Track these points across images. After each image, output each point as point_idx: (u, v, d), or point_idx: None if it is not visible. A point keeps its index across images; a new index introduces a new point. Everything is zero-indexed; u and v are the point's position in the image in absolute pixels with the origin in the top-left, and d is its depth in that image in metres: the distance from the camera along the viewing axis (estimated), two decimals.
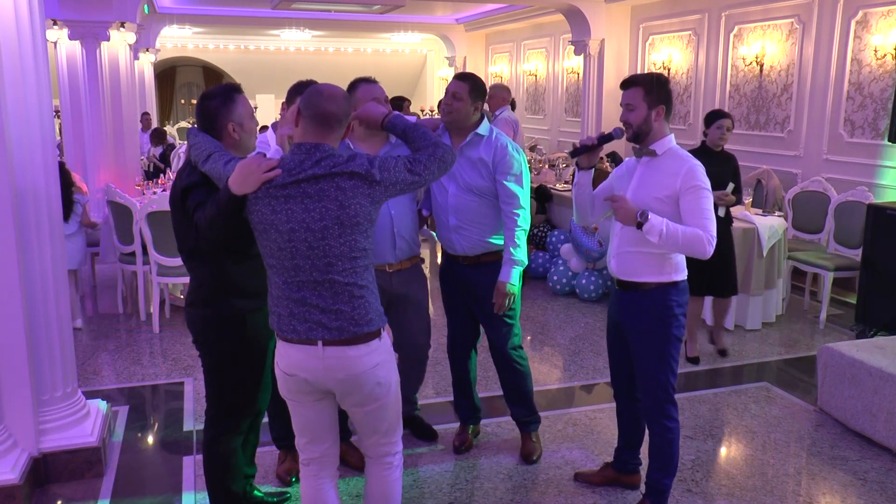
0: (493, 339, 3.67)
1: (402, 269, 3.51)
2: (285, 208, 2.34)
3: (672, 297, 3.03)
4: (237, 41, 17.08)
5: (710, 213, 2.90)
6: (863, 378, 4.00)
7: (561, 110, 12.25)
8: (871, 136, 6.79)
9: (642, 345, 3.10)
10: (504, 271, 3.44)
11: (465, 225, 3.51)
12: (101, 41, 8.38)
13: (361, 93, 3.28)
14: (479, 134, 3.46)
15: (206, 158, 2.58)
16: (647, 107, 2.97)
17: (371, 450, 2.68)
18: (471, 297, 3.64)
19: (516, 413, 3.81)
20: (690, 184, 2.90)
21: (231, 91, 2.75)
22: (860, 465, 3.76)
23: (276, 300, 2.46)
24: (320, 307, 2.38)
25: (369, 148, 3.35)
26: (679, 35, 9.44)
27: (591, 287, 6.53)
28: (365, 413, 2.55)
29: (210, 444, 2.91)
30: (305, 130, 2.40)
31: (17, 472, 3.21)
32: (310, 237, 2.34)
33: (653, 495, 3.18)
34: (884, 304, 5.42)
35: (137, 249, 5.80)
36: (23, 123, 3.22)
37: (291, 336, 2.42)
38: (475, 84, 3.47)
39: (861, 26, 6.84)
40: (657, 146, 3.00)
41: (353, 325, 2.40)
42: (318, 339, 2.39)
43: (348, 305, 2.39)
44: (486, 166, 3.44)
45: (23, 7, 3.19)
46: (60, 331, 3.47)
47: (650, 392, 3.11)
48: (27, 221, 3.29)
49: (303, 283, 2.39)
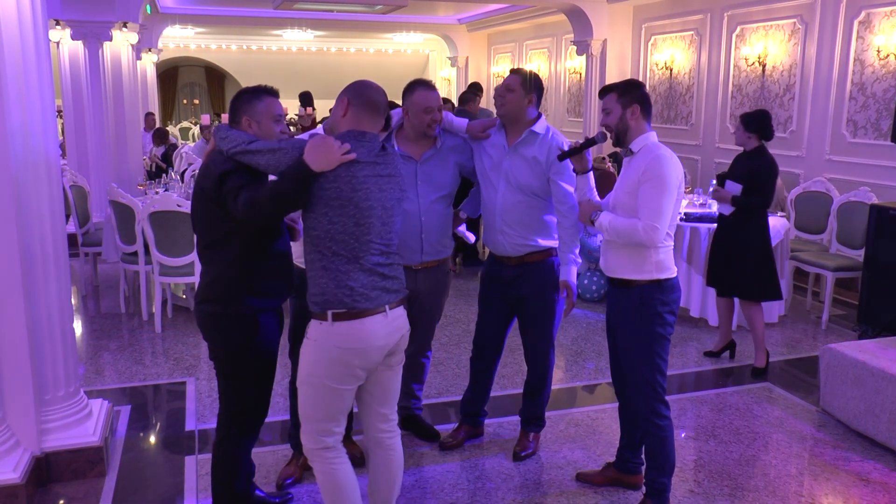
0: (535, 339, 3.65)
1: (427, 268, 3.52)
2: (364, 187, 2.54)
3: (655, 295, 3.05)
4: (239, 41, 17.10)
5: (656, 202, 2.94)
6: (865, 379, 3.99)
7: (563, 110, 12.25)
8: (874, 136, 6.78)
9: (628, 343, 3.15)
10: (565, 271, 3.46)
11: (510, 225, 3.50)
12: (104, 41, 8.40)
13: (418, 98, 3.35)
14: (535, 132, 3.45)
15: (249, 142, 2.59)
16: (622, 108, 3.07)
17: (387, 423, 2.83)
18: (514, 298, 3.61)
19: (527, 410, 3.80)
20: (647, 174, 2.97)
21: (262, 90, 2.78)
22: (862, 466, 3.76)
23: (342, 275, 2.55)
24: (386, 275, 2.64)
25: (417, 150, 3.43)
26: (681, 35, 9.43)
27: (592, 287, 6.53)
28: (397, 372, 2.80)
29: (220, 444, 2.91)
30: (359, 118, 2.63)
31: (20, 471, 3.21)
32: (383, 214, 2.59)
33: (653, 495, 3.18)
34: (886, 305, 5.41)
35: (140, 249, 5.80)
36: (25, 123, 3.22)
37: (367, 305, 2.57)
38: (528, 77, 3.48)
39: (864, 26, 6.84)
40: (634, 144, 3.08)
41: (403, 288, 2.73)
42: (385, 305, 2.62)
43: (398, 271, 2.72)
44: (540, 165, 3.44)
45: (25, 7, 3.19)
46: (62, 330, 3.47)
47: (639, 390, 3.14)
48: (29, 221, 3.29)
49: (372, 255, 2.58)
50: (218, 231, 2.70)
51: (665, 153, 2.99)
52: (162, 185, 7.05)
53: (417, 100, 3.35)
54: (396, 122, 3.48)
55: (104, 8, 8.17)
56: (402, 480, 3.51)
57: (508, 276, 3.57)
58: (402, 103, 3.43)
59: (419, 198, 3.40)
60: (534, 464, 3.73)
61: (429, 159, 3.45)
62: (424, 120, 3.36)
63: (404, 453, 3.74)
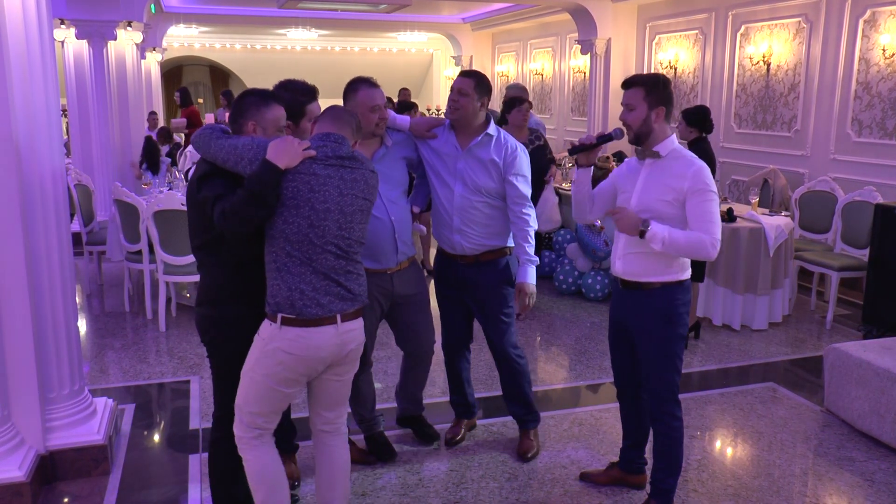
0: (492, 337, 3.67)
1: (401, 270, 3.50)
2: (323, 188, 2.55)
3: (677, 296, 3.03)
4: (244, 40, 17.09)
5: (716, 217, 2.90)
6: (870, 378, 3.98)
7: (567, 109, 12.23)
8: (879, 135, 6.76)
9: (648, 345, 3.09)
10: (523, 272, 3.46)
11: (469, 226, 3.50)
12: (108, 40, 8.41)
13: (362, 97, 3.25)
14: (489, 134, 3.46)
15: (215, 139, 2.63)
16: (648, 107, 2.95)
17: (329, 424, 2.84)
18: (469, 297, 3.64)
19: (514, 411, 3.82)
20: (697, 186, 2.89)
21: (270, 97, 2.78)
22: (867, 466, 3.75)
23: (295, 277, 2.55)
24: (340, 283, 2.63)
25: (367, 150, 3.35)
26: (686, 34, 9.42)
27: (597, 287, 6.52)
28: (345, 382, 2.81)
29: (215, 446, 2.92)
30: (321, 126, 2.74)
31: (25, 469, 3.22)
32: (340, 218, 2.58)
33: (658, 495, 3.17)
34: (891, 305, 5.40)
35: (144, 248, 5.81)
36: (30, 122, 3.23)
37: (318, 313, 2.56)
38: (480, 80, 3.46)
39: (869, 25, 6.81)
40: (660, 147, 2.98)
41: (360, 299, 2.70)
42: (337, 314, 2.60)
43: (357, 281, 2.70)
44: (497, 167, 3.44)
45: (30, 6, 3.20)
46: (67, 329, 3.48)
47: (655, 392, 3.11)
48: (34, 221, 3.30)
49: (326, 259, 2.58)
50: (207, 234, 2.70)
51: (703, 162, 2.95)
52: (166, 184, 7.06)
53: (362, 99, 3.24)
54: None
55: (109, 7, 8.18)
56: (406, 479, 3.53)
57: (462, 275, 3.59)
58: (345, 104, 3.29)
59: (382, 198, 3.33)
60: (538, 463, 3.72)
61: (381, 158, 3.40)
62: (372, 119, 3.25)
63: (408, 452, 3.77)
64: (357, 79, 3.35)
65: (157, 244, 5.57)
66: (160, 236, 5.55)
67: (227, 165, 2.59)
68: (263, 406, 2.67)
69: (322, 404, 2.81)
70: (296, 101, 2.96)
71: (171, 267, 5.65)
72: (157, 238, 5.56)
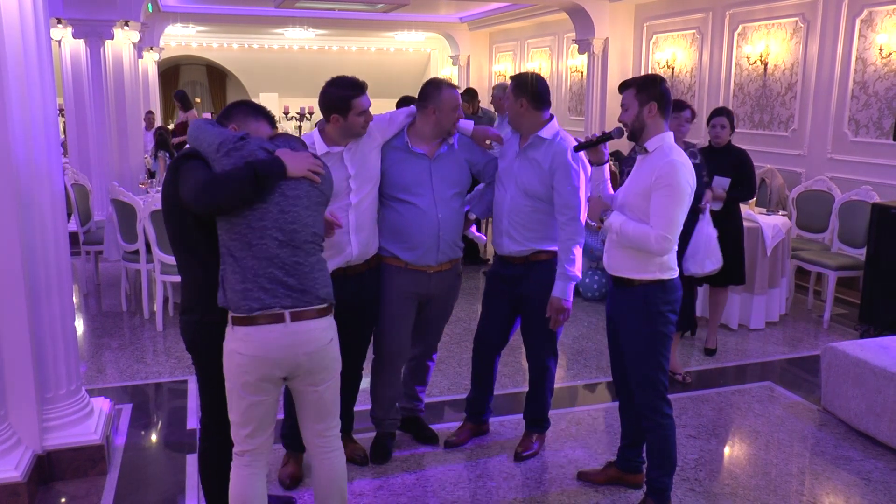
0: (535, 338, 3.65)
1: (441, 271, 3.49)
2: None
3: (658, 295, 3.05)
4: (241, 40, 17.09)
5: (668, 211, 2.90)
6: (867, 378, 3.99)
7: (565, 109, 12.23)
8: (876, 135, 6.77)
9: (630, 342, 3.13)
10: (558, 286, 3.39)
11: (516, 228, 3.48)
12: (105, 40, 8.39)
13: (447, 96, 3.35)
14: (541, 137, 3.41)
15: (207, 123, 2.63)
16: (639, 104, 3.01)
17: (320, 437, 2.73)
18: (518, 297, 3.59)
19: (529, 411, 3.80)
20: (661, 182, 2.91)
21: (262, 113, 2.79)
22: (864, 465, 3.76)
23: (238, 261, 2.50)
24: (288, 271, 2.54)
25: (429, 147, 3.41)
26: (683, 34, 9.42)
27: (594, 286, 6.53)
28: (323, 392, 2.66)
29: (204, 454, 2.89)
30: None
31: (22, 469, 3.21)
32: (282, 201, 2.52)
33: (654, 494, 3.18)
34: (888, 304, 5.41)
35: (141, 248, 5.80)
36: (27, 122, 3.22)
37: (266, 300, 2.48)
38: (519, 81, 3.45)
39: (866, 25, 6.82)
40: (649, 143, 3.02)
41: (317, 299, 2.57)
42: (285, 311, 2.50)
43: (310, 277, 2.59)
44: (544, 171, 3.39)
45: (27, 5, 3.20)
46: (64, 329, 3.48)
47: (641, 389, 3.14)
48: (31, 220, 3.29)
49: (267, 243, 2.50)
50: (187, 239, 2.68)
51: (680, 159, 2.94)
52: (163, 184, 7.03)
53: (447, 98, 3.33)
54: (406, 120, 3.45)
55: (106, 6, 8.16)
56: (404, 479, 3.53)
57: (513, 274, 3.56)
58: (426, 101, 3.36)
59: (435, 195, 3.37)
60: (535, 463, 3.73)
61: (442, 157, 3.43)
62: (453, 118, 3.37)
63: (405, 452, 3.77)
64: (439, 80, 3.44)
65: (154, 244, 5.57)
66: (157, 236, 5.55)
67: (204, 146, 2.56)
68: (237, 416, 2.60)
69: (308, 416, 2.71)
70: (343, 96, 3.09)
71: (168, 266, 5.64)
72: (154, 238, 5.55)
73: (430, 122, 3.38)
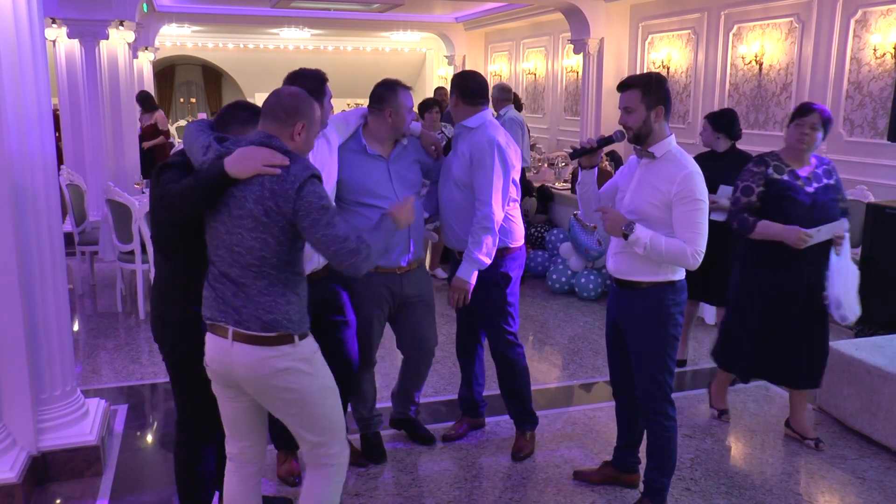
0: (489, 333, 3.69)
1: (410, 271, 3.51)
2: (231, 192, 2.41)
3: (668, 296, 3.03)
4: (236, 40, 17.07)
5: (701, 226, 2.88)
6: (862, 377, 4.00)
7: (560, 109, 12.25)
8: (871, 135, 6.79)
9: (639, 344, 3.10)
10: (462, 268, 3.44)
11: (451, 220, 3.55)
12: (100, 40, 8.36)
13: (403, 98, 3.36)
14: (465, 126, 3.49)
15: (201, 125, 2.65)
16: (646, 108, 2.93)
17: (306, 454, 2.60)
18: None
19: (512, 409, 3.81)
20: (684, 194, 2.86)
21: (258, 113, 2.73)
22: (859, 464, 3.77)
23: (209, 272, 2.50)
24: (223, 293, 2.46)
25: (383, 149, 3.42)
26: (678, 34, 9.44)
27: (590, 286, 6.53)
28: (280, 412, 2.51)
29: (177, 449, 2.89)
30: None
31: (17, 470, 3.20)
32: (229, 221, 2.42)
33: (651, 494, 3.18)
34: (883, 303, 5.42)
35: (136, 248, 5.79)
36: (21, 122, 3.21)
37: (213, 311, 2.46)
38: (452, 79, 3.60)
39: (860, 25, 6.85)
40: (656, 149, 2.96)
41: (260, 327, 2.38)
42: (228, 326, 2.40)
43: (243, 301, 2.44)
44: (467, 160, 3.45)
45: (21, 5, 3.19)
46: (59, 329, 3.47)
47: (647, 390, 3.12)
48: (26, 220, 3.28)
49: (214, 264, 2.46)
50: (163, 235, 2.72)
51: (696, 168, 2.90)
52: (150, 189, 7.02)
53: (404, 101, 3.35)
54: (360, 121, 3.45)
55: (101, 6, 8.14)
56: (400, 479, 3.53)
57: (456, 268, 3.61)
58: (380, 103, 3.34)
59: (398, 196, 3.35)
60: (531, 462, 3.73)
61: (398, 157, 3.45)
62: (409, 120, 3.40)
63: (401, 452, 3.77)
64: (393, 81, 3.42)
65: (149, 244, 5.56)
66: None
67: (191, 154, 2.59)
68: (223, 416, 2.61)
69: (292, 426, 2.54)
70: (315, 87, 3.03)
71: None
72: (149, 238, 5.54)
73: (385, 125, 3.36)
